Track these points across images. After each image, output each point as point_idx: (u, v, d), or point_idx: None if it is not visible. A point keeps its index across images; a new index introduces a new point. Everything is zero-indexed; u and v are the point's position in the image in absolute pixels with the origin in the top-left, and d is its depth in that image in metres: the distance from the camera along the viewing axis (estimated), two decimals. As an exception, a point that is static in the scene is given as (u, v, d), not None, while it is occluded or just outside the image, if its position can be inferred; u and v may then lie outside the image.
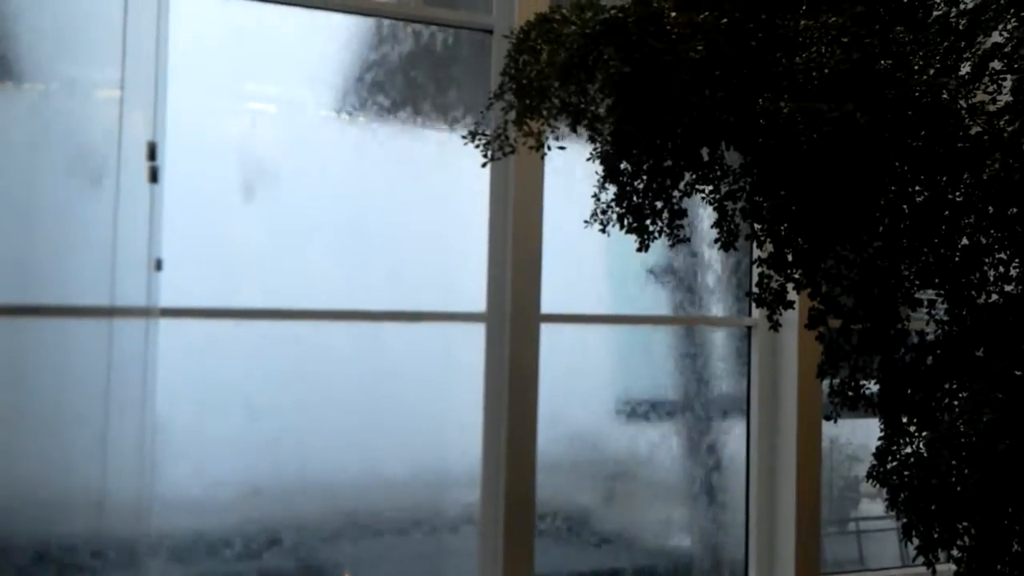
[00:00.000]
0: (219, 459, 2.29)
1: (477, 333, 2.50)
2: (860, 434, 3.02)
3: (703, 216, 2.70)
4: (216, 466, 2.28)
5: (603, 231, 1.46)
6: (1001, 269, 1.41)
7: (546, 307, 2.51)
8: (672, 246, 1.49)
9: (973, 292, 1.41)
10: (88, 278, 1.99)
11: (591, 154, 1.46)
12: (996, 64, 1.41)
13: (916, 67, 1.40)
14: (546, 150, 1.57)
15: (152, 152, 1.93)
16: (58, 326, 2.04)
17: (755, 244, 1.49)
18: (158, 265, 1.98)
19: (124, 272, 1.97)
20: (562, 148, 1.59)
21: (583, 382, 2.71)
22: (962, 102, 1.39)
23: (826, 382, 1.52)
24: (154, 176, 1.93)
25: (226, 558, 2.28)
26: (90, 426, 1.98)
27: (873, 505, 3.17)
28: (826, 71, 1.31)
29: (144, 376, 1.99)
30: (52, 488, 2.03)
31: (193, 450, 2.26)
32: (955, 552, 1.32)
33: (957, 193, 1.38)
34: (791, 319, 2.61)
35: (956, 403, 1.38)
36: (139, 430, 1.99)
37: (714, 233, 1.48)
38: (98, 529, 2.02)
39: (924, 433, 1.38)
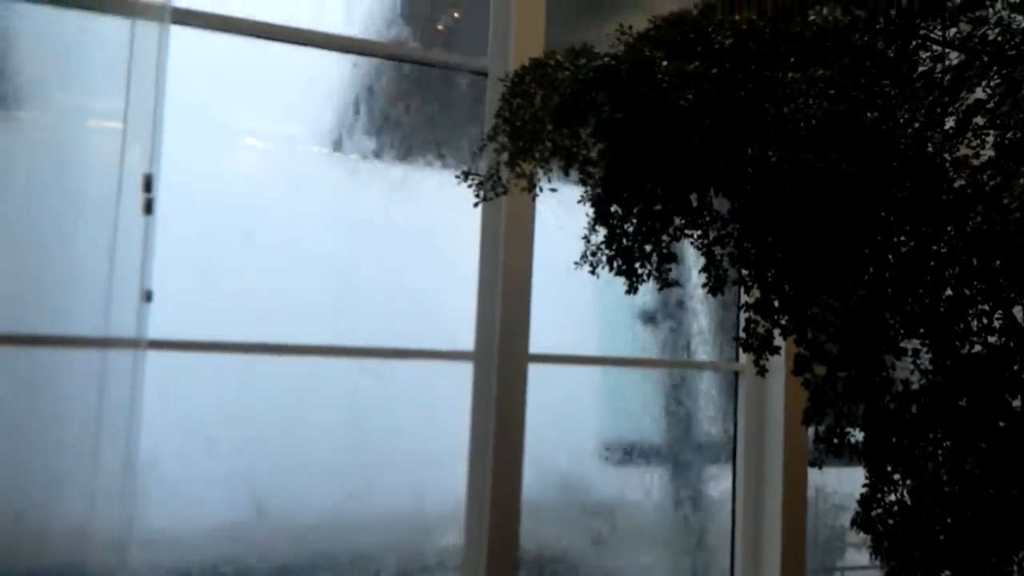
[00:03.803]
0: (198, 494, 2.27)
1: (464, 372, 2.50)
2: (847, 483, 3.02)
3: (692, 261, 2.73)
4: (195, 501, 2.26)
5: (593, 272, 1.47)
6: (984, 320, 1.43)
7: (534, 347, 2.51)
8: (660, 289, 1.50)
9: (957, 342, 1.42)
10: (81, 309, 1.99)
11: (582, 196, 1.47)
12: (979, 119, 1.44)
13: (901, 120, 1.43)
14: (538, 191, 1.59)
15: (148, 184, 1.94)
16: (48, 356, 2.03)
17: (743, 290, 1.50)
18: (148, 297, 1.98)
19: (114, 304, 1.97)
20: (554, 190, 1.61)
21: (569, 423, 2.71)
22: (946, 155, 1.42)
23: (811, 429, 1.53)
24: (149, 208, 1.94)
25: (205, 595, 2.25)
26: (75, 458, 1.96)
27: (859, 555, 3.15)
28: (813, 122, 1.33)
29: (131, 408, 1.98)
30: (35, 519, 2.00)
31: (173, 484, 2.24)
32: (938, 602, 1.32)
33: (941, 244, 1.40)
34: (777, 365, 2.62)
35: (940, 452, 1.38)
36: (123, 463, 1.97)
37: (702, 278, 1.49)
38: (79, 561, 1.99)
39: (908, 481, 1.38)
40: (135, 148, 1.97)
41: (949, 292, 1.42)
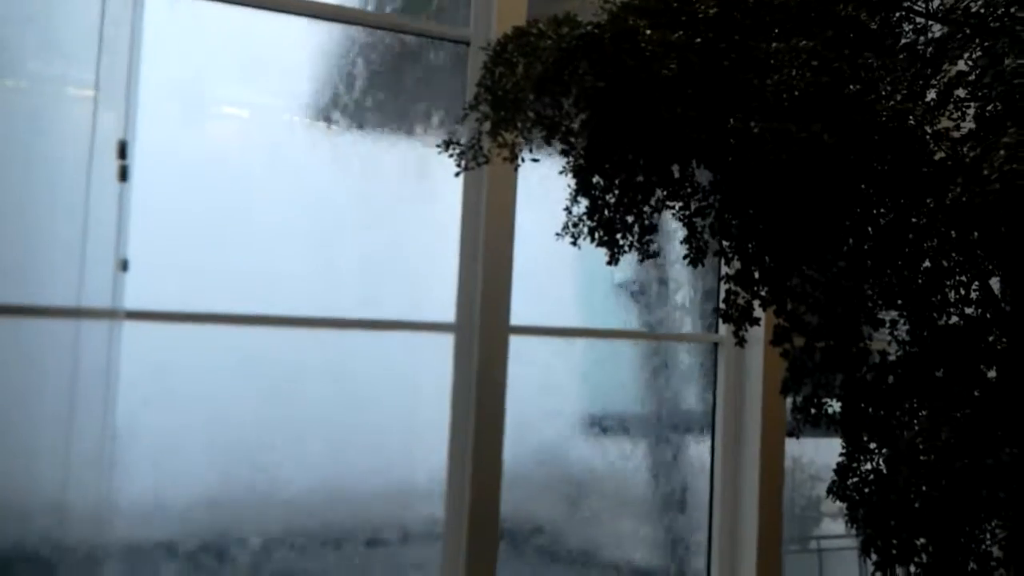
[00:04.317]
0: (180, 466, 2.26)
1: (446, 344, 2.50)
2: (823, 454, 3.06)
3: (673, 232, 2.73)
4: (177, 474, 2.25)
5: (574, 244, 1.47)
6: (962, 292, 1.44)
7: (515, 319, 2.51)
8: (641, 261, 1.50)
9: (934, 314, 1.44)
10: (54, 278, 1.97)
11: (564, 167, 1.47)
12: (961, 92, 1.44)
13: (883, 92, 1.43)
14: (520, 162, 1.58)
15: (122, 150, 1.91)
16: (22, 326, 2.01)
17: (723, 261, 1.50)
18: (124, 266, 1.96)
19: (89, 272, 1.95)
20: (536, 160, 1.60)
21: (550, 395, 2.72)
22: (927, 128, 1.42)
23: (789, 399, 1.55)
24: (123, 175, 1.92)
25: (185, 567, 2.24)
26: (51, 430, 1.95)
27: (834, 524, 3.20)
28: (796, 93, 1.33)
29: (107, 380, 1.96)
30: (10, 492, 1.99)
31: (154, 457, 2.23)
32: (912, 568, 1.34)
33: (920, 216, 1.41)
34: (757, 336, 2.64)
35: (916, 422, 1.40)
36: (100, 435, 1.96)
37: (683, 249, 1.49)
38: (56, 533, 1.99)
39: (884, 450, 1.40)
40: (110, 116, 1.94)
41: (927, 264, 1.43)
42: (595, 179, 1.43)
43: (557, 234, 1.48)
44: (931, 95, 1.47)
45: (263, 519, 2.34)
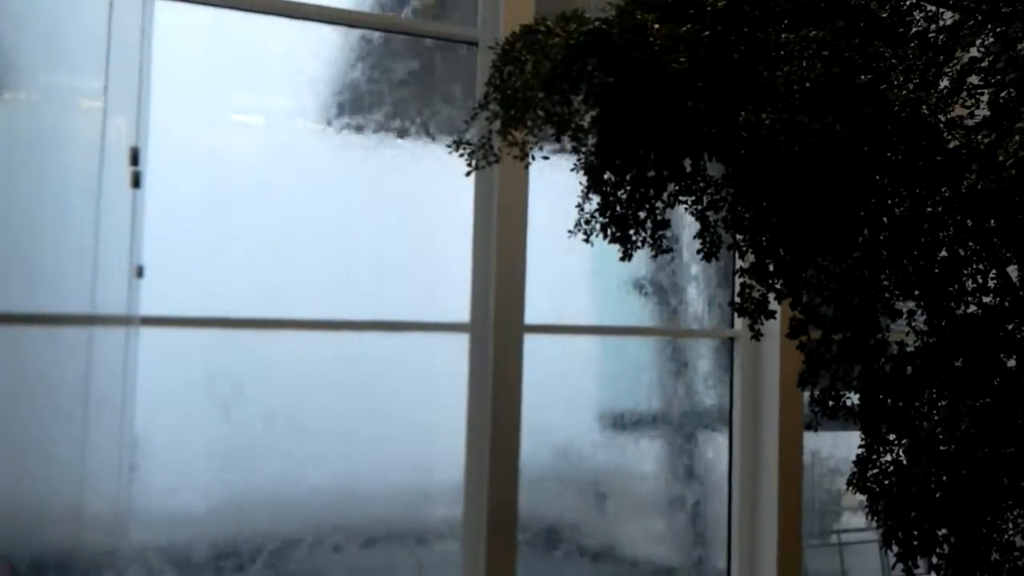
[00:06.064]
0: (197, 470, 2.27)
1: (460, 344, 2.50)
2: (842, 447, 3.04)
3: (686, 227, 2.72)
4: (194, 477, 2.27)
5: (587, 241, 1.47)
6: (979, 280, 1.43)
7: (530, 318, 2.51)
8: (655, 256, 1.50)
9: (952, 303, 1.43)
10: (69, 285, 1.98)
11: (575, 164, 1.47)
12: (974, 79, 1.43)
13: (896, 81, 1.42)
14: (530, 160, 1.58)
15: (135, 157, 1.92)
16: (38, 334, 2.02)
17: (737, 255, 1.50)
18: (139, 272, 1.97)
19: (104, 279, 1.96)
20: (546, 158, 1.60)
21: (566, 393, 2.71)
22: (940, 116, 1.41)
23: (807, 392, 1.53)
24: (136, 181, 1.93)
25: (202, 570, 2.26)
26: (68, 437, 1.96)
27: (855, 518, 3.18)
28: (807, 84, 1.32)
29: (124, 385, 1.98)
30: (28, 499, 2.01)
31: (170, 461, 2.24)
32: (934, 560, 1.33)
33: (936, 205, 1.40)
34: (772, 330, 2.63)
35: (935, 412, 1.39)
36: (117, 442, 1.97)
37: (696, 244, 1.49)
38: (74, 541, 2.00)
39: (903, 441, 1.39)
40: (122, 122, 1.95)
41: (944, 253, 1.42)
42: (606, 175, 1.42)
43: (570, 231, 1.48)
44: (944, 83, 1.46)
45: (278, 520, 2.35)
